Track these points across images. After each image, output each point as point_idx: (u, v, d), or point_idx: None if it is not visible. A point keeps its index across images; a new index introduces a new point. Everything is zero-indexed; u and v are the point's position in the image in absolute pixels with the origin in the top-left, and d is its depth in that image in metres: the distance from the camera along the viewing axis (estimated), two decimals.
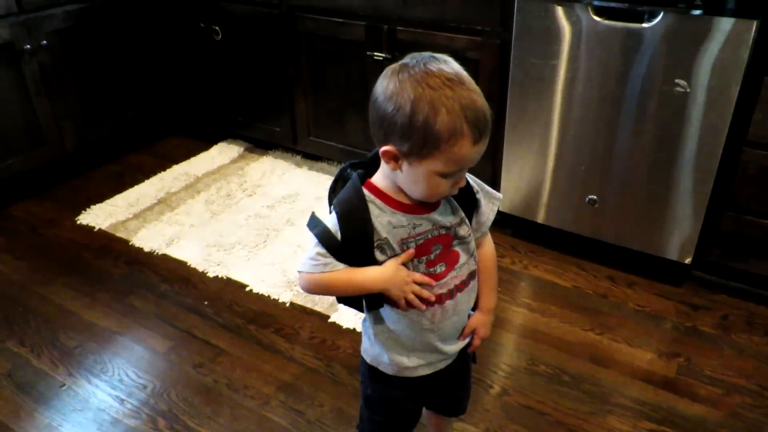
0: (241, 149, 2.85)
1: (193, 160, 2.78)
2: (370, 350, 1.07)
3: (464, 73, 0.84)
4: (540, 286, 1.97)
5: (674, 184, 1.78)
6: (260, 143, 2.84)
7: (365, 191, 0.94)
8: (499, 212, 1.04)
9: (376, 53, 2.15)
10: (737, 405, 1.53)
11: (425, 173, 0.86)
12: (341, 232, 0.92)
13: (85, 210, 2.42)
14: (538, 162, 1.99)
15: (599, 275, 2.00)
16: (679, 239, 1.85)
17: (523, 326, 1.81)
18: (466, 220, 0.98)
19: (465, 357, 1.11)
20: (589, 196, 1.94)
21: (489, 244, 1.07)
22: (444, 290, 0.98)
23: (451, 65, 0.85)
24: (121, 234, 2.27)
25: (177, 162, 2.76)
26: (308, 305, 1.89)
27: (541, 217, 2.09)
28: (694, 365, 1.65)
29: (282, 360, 1.70)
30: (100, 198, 2.50)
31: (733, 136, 1.66)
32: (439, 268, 0.96)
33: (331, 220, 0.93)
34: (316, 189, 2.50)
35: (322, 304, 1.88)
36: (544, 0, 1.74)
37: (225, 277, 2.03)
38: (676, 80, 1.64)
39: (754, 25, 1.50)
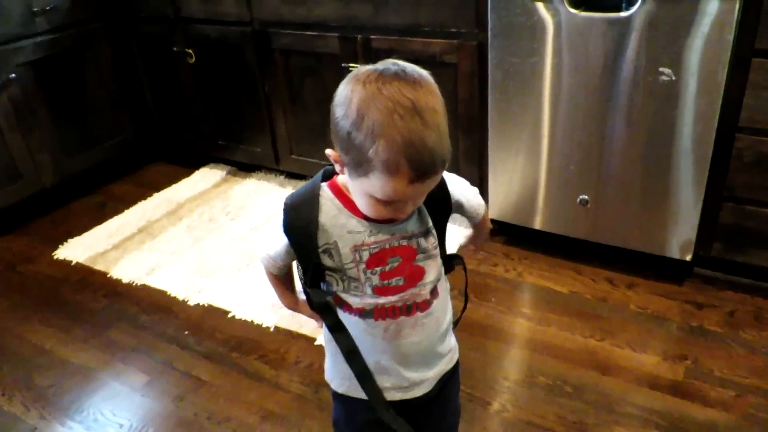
0: (224, 173, 2.78)
1: (176, 186, 2.71)
2: (327, 363, 0.99)
3: (428, 101, 0.73)
4: (536, 294, 1.88)
5: (668, 177, 1.70)
6: (243, 166, 2.77)
7: (325, 188, 0.86)
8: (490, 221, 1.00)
9: (351, 64, 2.09)
10: (751, 406, 1.44)
11: (361, 191, 0.78)
12: (284, 226, 0.86)
13: (63, 244, 2.35)
14: (526, 165, 1.92)
15: (597, 278, 1.91)
16: (677, 235, 1.77)
17: (519, 337, 1.72)
18: (434, 231, 0.90)
19: (445, 385, 1.01)
20: (581, 196, 1.86)
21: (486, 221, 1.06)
22: (399, 304, 0.88)
23: (416, 88, 0.73)
24: (99, 266, 2.19)
25: (159, 189, 2.69)
26: (294, 328, 1.80)
27: (533, 223, 2.01)
28: (703, 367, 1.56)
29: (267, 388, 1.61)
30: (80, 230, 2.43)
31: (725, 123, 1.58)
32: (396, 282, 0.87)
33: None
34: None
35: (308, 325, 1.79)
36: None
37: (207, 304, 1.94)
38: (661, 69, 1.58)
39: (737, 5, 1.44)
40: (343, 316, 0.91)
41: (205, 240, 2.28)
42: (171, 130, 2.81)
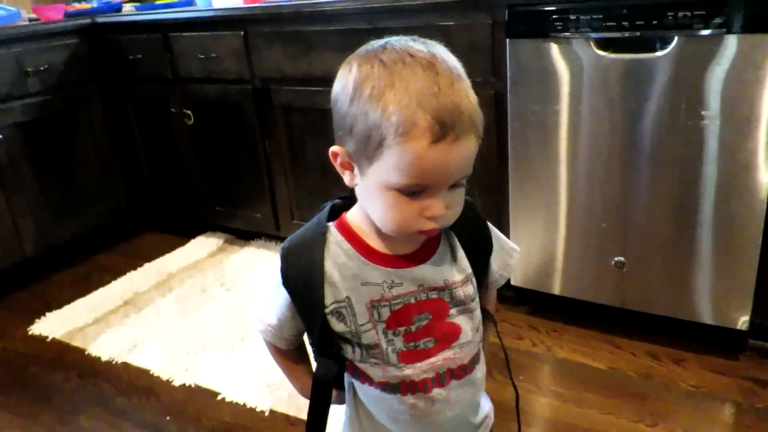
0: (221, 241, 2.59)
1: (168, 256, 2.52)
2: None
3: (447, 61, 0.61)
4: (569, 370, 1.64)
5: (714, 233, 1.50)
6: (241, 234, 2.59)
7: (333, 229, 0.69)
8: (511, 288, 0.80)
9: None
10: None
11: (378, 186, 0.62)
12: (282, 277, 0.69)
13: (40, 318, 2.13)
14: (551, 224, 1.73)
15: (638, 352, 1.67)
16: (729, 301, 1.55)
17: (555, 421, 1.47)
18: (473, 279, 0.71)
19: None
20: (616, 258, 1.65)
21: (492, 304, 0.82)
22: (431, 374, 0.69)
23: (432, 48, 0.61)
24: (77, 342, 1.97)
25: (150, 260, 2.50)
26: (292, 412, 1.55)
27: (560, 289, 1.79)
28: None
29: None
30: (60, 303, 2.21)
31: None
32: (424, 345, 0.69)
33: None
34: None
35: None
36: (536, 39, 1.55)
37: (193, 385, 1.70)
38: (702, 112, 1.42)
39: None
40: (361, 388, 0.72)
41: (195, 312, 2.07)
42: (165, 196, 2.65)
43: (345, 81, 0.62)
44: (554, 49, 1.54)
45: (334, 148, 0.66)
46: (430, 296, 0.68)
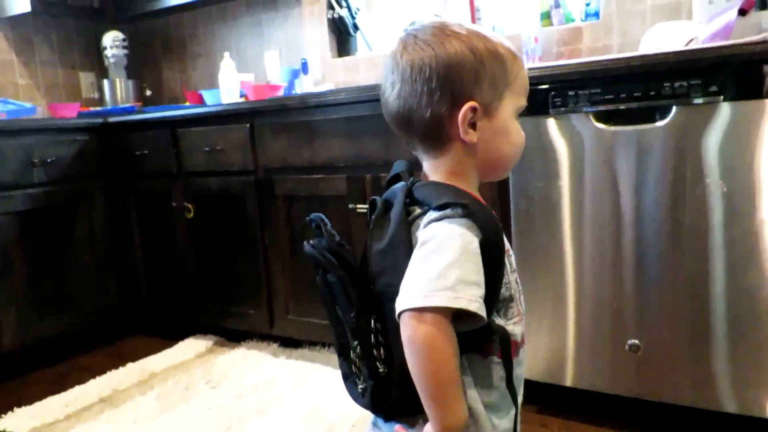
0: (210, 343, 2.46)
1: (153, 357, 2.38)
2: None
3: None
4: None
5: (730, 308, 1.42)
6: (232, 335, 2.47)
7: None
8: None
9: (359, 205, 1.94)
10: None
11: (509, 115, 0.79)
12: (483, 235, 0.72)
13: (7, 413, 1.95)
14: (559, 308, 1.64)
15: None
16: (754, 386, 1.42)
17: None
18: None
19: None
20: (630, 341, 1.55)
21: None
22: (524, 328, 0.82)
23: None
24: None
25: (134, 360, 2.36)
26: None
27: (571, 380, 1.66)
28: None
29: None
30: (32, 400, 2.04)
31: None
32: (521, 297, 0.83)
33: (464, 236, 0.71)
34: (296, 376, 2.07)
35: None
36: (536, 116, 1.59)
37: None
38: (707, 180, 1.40)
39: None
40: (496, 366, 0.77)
41: (176, 408, 1.90)
42: (157, 295, 2.57)
43: (456, 47, 0.75)
44: (554, 125, 1.57)
45: (469, 105, 0.75)
46: None
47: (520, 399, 0.82)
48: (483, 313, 0.69)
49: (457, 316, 0.69)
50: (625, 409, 1.64)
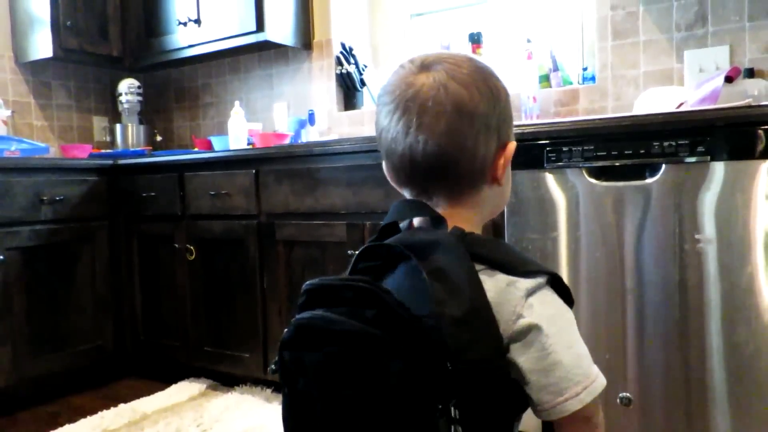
0: (203, 386, 2.45)
1: (145, 399, 2.36)
2: None
3: None
4: None
5: (724, 364, 1.44)
6: (226, 380, 2.46)
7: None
8: None
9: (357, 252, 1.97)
10: None
11: (508, 160, 0.77)
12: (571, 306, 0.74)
13: None
14: None
15: None
16: None
17: None
18: None
19: None
20: (621, 394, 1.56)
21: None
22: None
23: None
24: None
25: (126, 401, 2.34)
26: None
27: None
28: None
29: None
30: None
31: None
32: None
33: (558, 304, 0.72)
34: None
35: None
36: (532, 170, 1.64)
37: None
38: (696, 236, 1.45)
39: (765, 165, 1.37)
40: None
41: None
42: (154, 337, 2.57)
43: (501, 84, 0.75)
44: (550, 178, 1.63)
45: (511, 146, 0.76)
46: None
47: None
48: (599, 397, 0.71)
49: None
50: None
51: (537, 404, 0.69)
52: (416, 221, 0.79)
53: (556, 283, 0.70)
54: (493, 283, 0.67)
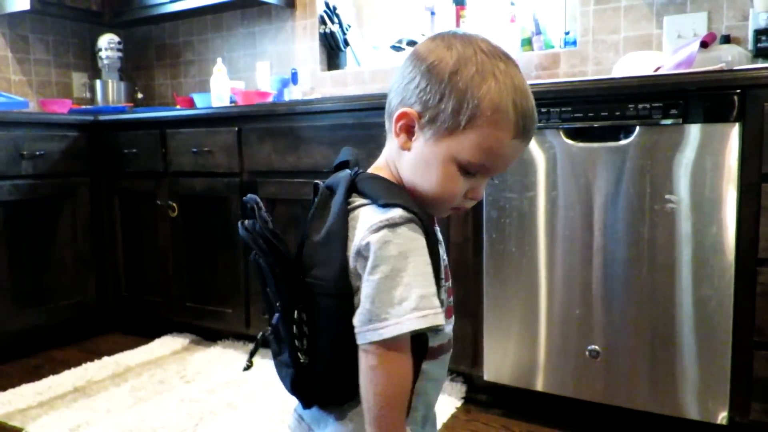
0: (186, 341, 2.49)
1: (128, 352, 2.41)
2: None
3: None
4: None
5: (691, 320, 1.51)
6: (208, 335, 2.51)
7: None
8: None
9: None
10: None
11: (444, 156, 0.70)
12: (426, 239, 0.72)
13: None
14: (526, 315, 1.72)
15: None
16: (705, 394, 1.51)
17: None
18: None
19: None
20: (589, 347, 1.63)
21: None
22: (451, 333, 0.81)
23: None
24: (15, 422, 1.81)
25: (110, 355, 2.38)
26: None
27: (536, 384, 1.73)
28: None
29: None
30: (4, 387, 2.06)
31: (743, 255, 1.46)
32: (448, 302, 0.79)
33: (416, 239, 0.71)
34: (269, 375, 2.11)
35: None
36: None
37: None
38: (666, 196, 1.50)
39: (737, 128, 1.42)
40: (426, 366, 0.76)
41: (149, 400, 1.93)
42: (136, 293, 2.60)
43: (444, 54, 0.69)
44: None
45: (406, 109, 0.71)
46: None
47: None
48: (443, 320, 0.69)
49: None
50: (591, 415, 1.71)
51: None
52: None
53: (417, 215, 0.71)
54: (365, 213, 0.74)
